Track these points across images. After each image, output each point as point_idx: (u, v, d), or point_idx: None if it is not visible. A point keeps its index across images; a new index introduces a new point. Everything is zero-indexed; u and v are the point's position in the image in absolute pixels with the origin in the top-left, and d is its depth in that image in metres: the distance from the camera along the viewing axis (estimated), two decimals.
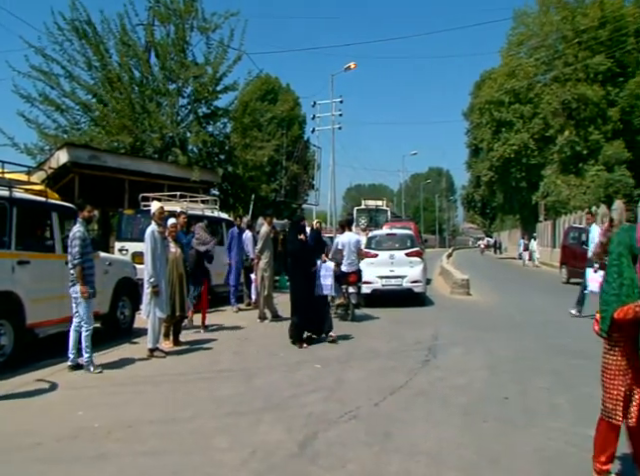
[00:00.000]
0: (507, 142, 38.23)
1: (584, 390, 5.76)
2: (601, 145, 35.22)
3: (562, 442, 4.33)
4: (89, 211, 6.91)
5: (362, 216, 27.94)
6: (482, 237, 75.76)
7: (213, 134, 19.90)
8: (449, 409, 5.18)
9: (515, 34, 42.08)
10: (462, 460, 4.01)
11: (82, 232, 6.62)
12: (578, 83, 35.82)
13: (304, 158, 39.35)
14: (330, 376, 6.52)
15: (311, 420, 4.87)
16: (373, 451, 4.18)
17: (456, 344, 8.43)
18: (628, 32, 35.84)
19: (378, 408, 5.23)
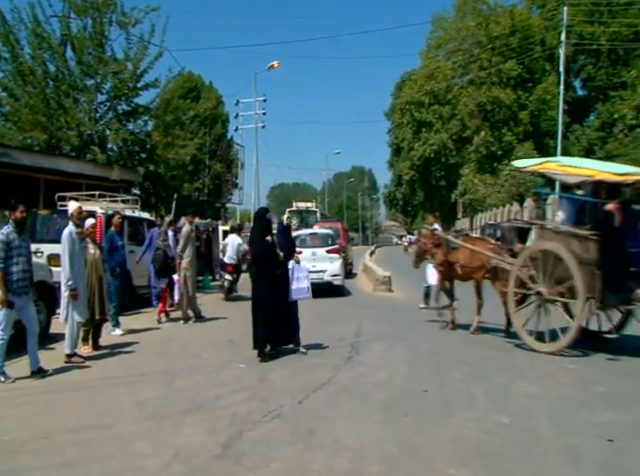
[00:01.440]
0: (427, 142, 39.52)
1: (498, 380, 6.09)
2: (514, 146, 37.10)
3: (478, 431, 4.53)
4: (21, 212, 6.45)
5: (293, 217, 27.86)
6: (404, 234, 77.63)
7: (134, 132, 19.29)
8: (371, 404, 5.31)
9: (434, 37, 43.55)
10: (383, 453, 4.12)
11: (5, 235, 6.24)
12: (492, 86, 37.55)
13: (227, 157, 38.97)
14: (254, 375, 6.52)
15: (235, 420, 4.86)
16: (297, 449, 4.23)
17: (378, 340, 8.63)
18: (535, 41, 38.00)
19: (302, 406, 5.29)
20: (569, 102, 38.55)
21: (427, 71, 41.19)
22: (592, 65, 40.85)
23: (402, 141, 43.94)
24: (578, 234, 7.40)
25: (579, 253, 7.30)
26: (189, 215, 11.29)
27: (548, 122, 37.41)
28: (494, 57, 38.05)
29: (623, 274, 7.12)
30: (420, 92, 40.18)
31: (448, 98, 39.75)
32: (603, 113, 38.81)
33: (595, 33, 38.11)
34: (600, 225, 7.26)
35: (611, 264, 7.10)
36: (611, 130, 34.40)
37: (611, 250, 7.14)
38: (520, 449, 4.14)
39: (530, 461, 3.92)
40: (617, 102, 33.90)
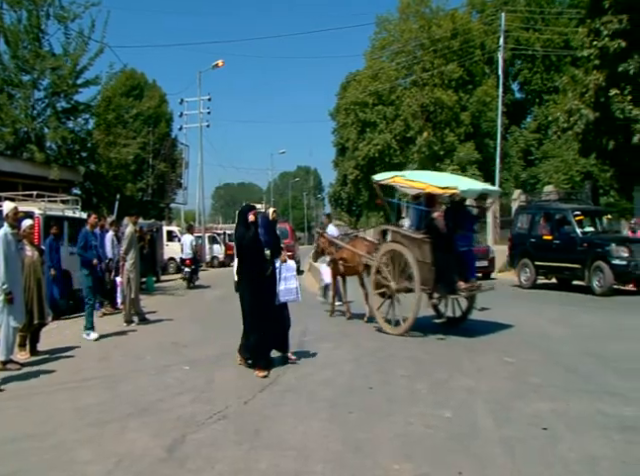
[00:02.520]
0: (371, 142, 39.96)
1: (440, 376, 6.25)
2: (455, 146, 38.04)
3: (421, 425, 4.64)
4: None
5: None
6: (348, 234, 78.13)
7: (74, 130, 18.60)
8: (316, 403, 5.35)
9: (378, 39, 44.08)
10: (329, 451, 4.16)
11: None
12: (435, 88, 38.34)
13: (172, 156, 38.25)
14: (199, 377, 6.47)
15: (179, 423, 4.81)
16: (243, 449, 4.23)
17: (324, 339, 8.71)
18: (475, 45, 39.15)
19: (247, 406, 5.29)
20: (508, 104, 39.86)
21: (371, 72, 41.64)
22: (528, 70, 42.39)
23: (347, 141, 44.26)
24: (416, 237, 8.88)
25: (417, 253, 8.71)
26: (133, 216, 11.08)
27: (488, 123, 38.56)
28: (436, 59, 38.87)
29: (451, 270, 8.63)
30: (364, 93, 40.60)
31: (392, 99, 40.33)
32: (539, 116, 40.38)
33: (530, 39, 39.57)
34: (429, 230, 8.80)
35: (441, 262, 8.58)
36: (546, 132, 35.80)
37: (441, 250, 8.62)
38: (461, 441, 4.27)
39: (470, 452, 4.05)
40: (551, 106, 35.32)
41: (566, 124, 18.04)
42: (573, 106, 17.50)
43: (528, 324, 9.63)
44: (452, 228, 8.91)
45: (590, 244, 13.85)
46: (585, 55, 17.36)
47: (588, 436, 4.28)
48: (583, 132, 17.40)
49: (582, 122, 17.10)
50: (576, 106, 17.37)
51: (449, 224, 8.93)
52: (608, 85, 15.98)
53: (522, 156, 40.42)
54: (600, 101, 16.32)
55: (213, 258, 31.83)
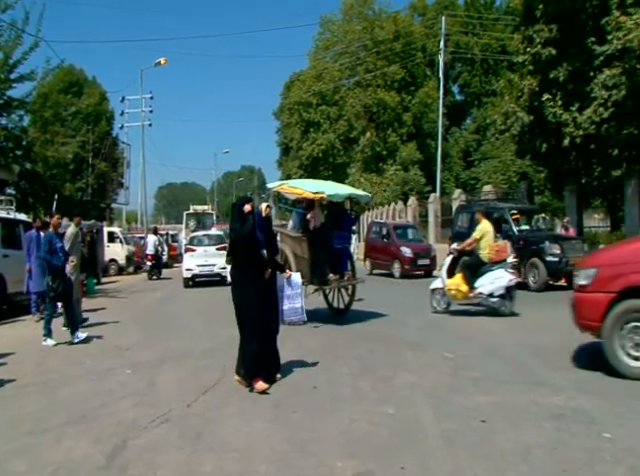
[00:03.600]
0: (315, 142, 40.18)
1: (383, 373, 6.34)
2: (398, 147, 38.71)
3: (365, 423, 4.70)
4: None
5: (191, 219, 32.15)
6: None
7: (7, 127, 17.82)
8: (260, 403, 5.34)
9: (322, 39, 44.38)
10: (273, 451, 4.16)
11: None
12: (378, 89, 38.92)
13: (112, 155, 37.31)
14: (142, 381, 6.34)
15: (120, 428, 4.70)
16: (185, 453, 4.18)
17: None
18: (417, 47, 39.98)
19: (191, 409, 5.22)
20: (448, 106, 40.95)
21: (315, 72, 41.89)
22: (467, 72, 43.71)
23: (291, 141, 44.35)
24: (295, 236, 10.26)
25: (297, 250, 10.06)
26: (75, 216, 10.77)
27: (430, 124, 39.45)
28: (379, 61, 39.48)
29: (323, 264, 9.88)
30: (308, 93, 40.79)
31: (335, 99, 40.68)
32: (478, 117, 41.65)
33: (470, 43, 40.79)
34: (305, 229, 10.14)
35: (316, 257, 9.85)
36: (485, 133, 36.93)
37: (316, 247, 9.87)
38: (403, 437, 4.35)
39: (412, 447, 4.13)
40: (489, 108, 36.48)
41: (503, 126, 18.65)
42: (509, 109, 18.11)
43: (466, 319, 9.93)
44: (330, 228, 10.34)
45: (526, 242, 14.38)
46: (520, 61, 18.01)
47: (522, 426, 4.46)
48: (519, 134, 18.04)
49: (518, 125, 17.72)
50: (512, 109, 17.97)
51: (328, 225, 10.38)
52: (541, 90, 16.64)
53: (462, 157, 41.62)
54: (534, 105, 16.97)
55: None
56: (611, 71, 14.36)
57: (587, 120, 15.17)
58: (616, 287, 5.69)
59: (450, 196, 26.36)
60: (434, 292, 10.75)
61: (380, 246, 21.02)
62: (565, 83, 16.00)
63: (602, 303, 5.74)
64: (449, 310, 10.62)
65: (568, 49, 15.90)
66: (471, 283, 9.96)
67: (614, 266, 5.89)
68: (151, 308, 13.72)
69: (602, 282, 5.83)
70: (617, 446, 4.01)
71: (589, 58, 15.22)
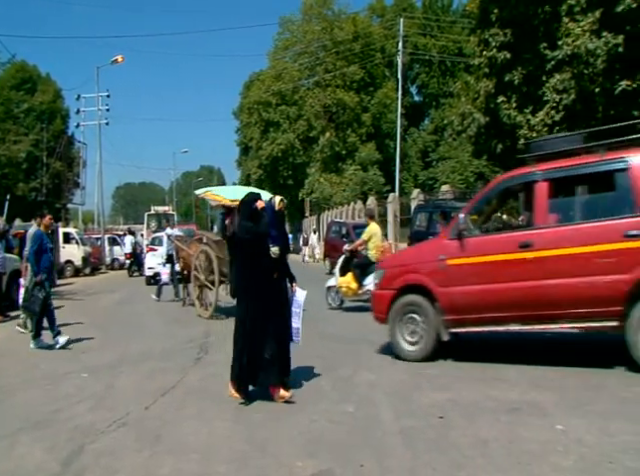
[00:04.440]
0: (275, 141, 40.09)
1: (344, 372, 6.38)
2: (357, 147, 38.98)
3: (325, 421, 4.72)
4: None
5: (152, 220, 32.42)
6: None
7: None
8: (220, 404, 5.31)
9: (281, 39, 44.30)
10: (233, 452, 4.14)
11: None
12: (337, 89, 39.09)
13: (68, 155, 36.30)
14: (99, 384, 6.21)
15: (77, 433, 4.59)
16: (144, 456, 4.12)
17: (228, 340, 8.57)
18: (376, 48, 40.34)
19: (149, 411, 5.15)
20: (407, 107, 41.47)
21: (274, 72, 41.77)
22: (425, 74, 44.35)
23: (250, 140, 44.13)
24: (217, 239, 11.37)
25: (219, 253, 10.89)
26: (38, 217, 10.49)
27: (388, 124, 39.84)
28: (338, 61, 39.65)
29: None
30: (268, 92, 40.63)
31: (295, 99, 40.65)
32: (436, 118, 42.31)
33: (428, 45, 41.39)
34: (224, 233, 10.90)
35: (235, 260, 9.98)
36: (443, 134, 37.52)
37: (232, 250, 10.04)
38: (363, 435, 4.39)
39: (371, 445, 4.17)
40: (447, 109, 37.09)
41: (460, 127, 18.97)
42: (466, 110, 18.42)
43: None
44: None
45: None
46: (476, 63, 18.33)
47: (479, 421, 4.55)
48: (475, 135, 18.36)
49: (474, 126, 18.03)
50: (469, 110, 18.29)
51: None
52: (496, 92, 16.97)
53: (421, 157, 42.19)
54: (490, 107, 17.30)
55: (113, 260, 30.59)
56: (561, 76, 14.78)
57: (540, 122, 15.57)
58: (396, 285, 6.83)
59: (409, 196, 26.68)
60: (329, 290, 11.58)
61: (340, 245, 21.03)
62: (519, 86, 16.37)
63: (387, 298, 6.85)
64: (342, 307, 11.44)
65: (522, 53, 16.28)
66: (360, 281, 10.57)
67: (395, 267, 7.11)
68: (109, 310, 13.46)
69: (387, 281, 6.98)
70: (568, 437, 4.14)
71: (541, 62, 15.63)
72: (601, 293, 5.72)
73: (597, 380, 5.60)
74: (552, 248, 5.99)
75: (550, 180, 6.27)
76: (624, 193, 5.91)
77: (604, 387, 5.37)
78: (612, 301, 5.66)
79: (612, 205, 6.27)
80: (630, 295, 5.61)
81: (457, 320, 6.48)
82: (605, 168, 6.06)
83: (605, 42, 13.26)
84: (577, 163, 6.27)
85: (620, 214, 5.90)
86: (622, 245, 5.64)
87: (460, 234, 6.49)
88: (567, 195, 6.94)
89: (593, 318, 5.86)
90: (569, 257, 5.90)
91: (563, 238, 6.05)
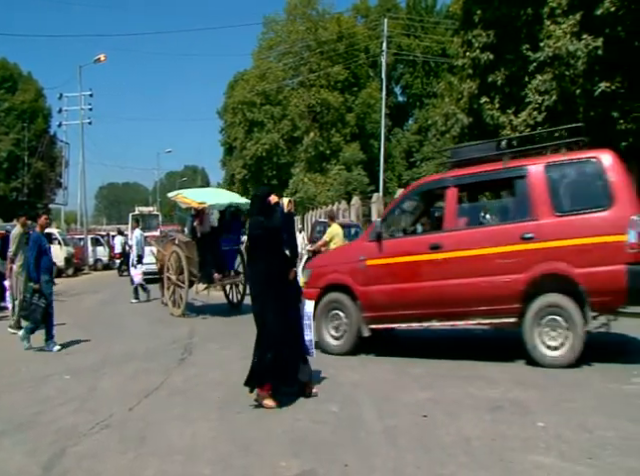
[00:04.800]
0: (259, 141, 40.00)
1: (327, 371, 6.33)
2: (341, 147, 39.01)
3: (309, 421, 4.73)
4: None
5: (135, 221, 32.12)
6: None
7: None
8: (205, 405, 5.29)
9: (265, 39, 44.20)
10: (217, 453, 4.14)
11: None
12: (321, 89, 39.09)
13: (50, 154, 35.90)
14: (82, 386, 6.16)
15: (59, 436, 4.55)
16: (128, 458, 4.09)
17: (212, 340, 8.62)
18: (360, 48, 40.40)
19: (133, 413, 5.12)
20: (391, 107, 41.62)
21: (259, 72, 41.68)
22: (410, 74, 44.52)
23: (234, 140, 43.98)
24: (187, 240, 11.71)
25: (188, 253, 11.25)
26: (20, 217, 10.41)
27: (373, 125, 39.93)
28: (322, 61, 39.66)
29: (209, 265, 11.32)
30: (252, 92, 40.54)
31: (279, 99, 40.60)
32: (420, 118, 42.50)
33: (411, 46, 41.55)
34: (193, 234, 11.60)
35: (202, 258, 11.31)
36: (426, 134, 37.71)
37: (202, 250, 11.31)
38: (347, 434, 4.41)
39: (355, 444, 4.19)
40: (430, 109, 37.29)
41: (444, 127, 19.08)
42: (450, 111, 18.53)
43: None
44: (218, 232, 11.85)
45: None
46: (460, 64, 18.46)
47: (462, 419, 4.60)
48: (459, 135, 18.47)
49: (458, 126, 18.15)
50: (452, 111, 18.40)
51: (219, 229, 11.99)
52: (480, 93, 17.11)
53: (405, 157, 42.34)
54: (473, 107, 17.43)
55: (97, 261, 30.33)
56: (543, 77, 14.95)
57: (522, 123, 15.72)
58: (321, 284, 7.27)
59: (393, 196, 26.77)
60: None
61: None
62: (502, 87, 16.52)
63: (313, 296, 6.87)
64: None
65: (505, 54, 16.43)
66: None
67: (321, 267, 7.57)
68: (92, 310, 13.35)
69: (314, 280, 7.40)
70: (549, 433, 4.20)
71: (524, 64, 15.79)
72: (501, 292, 6.16)
73: (576, 378, 5.68)
74: (459, 249, 6.41)
75: (458, 186, 6.75)
76: (522, 199, 6.43)
77: (583, 384, 5.46)
78: (510, 299, 6.11)
79: (512, 210, 6.86)
80: (526, 294, 6.07)
81: (376, 317, 6.90)
82: (507, 175, 6.56)
83: (585, 44, 13.44)
84: (482, 170, 6.71)
85: (519, 218, 6.40)
86: (519, 247, 6.12)
87: (378, 236, 6.89)
88: (474, 200, 7.51)
89: (496, 315, 6.32)
90: (474, 258, 6.35)
91: (469, 240, 6.48)
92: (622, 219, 5.78)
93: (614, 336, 6.79)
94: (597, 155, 6.15)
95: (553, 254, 6.00)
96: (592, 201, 6.07)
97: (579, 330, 5.87)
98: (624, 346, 7.14)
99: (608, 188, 5.93)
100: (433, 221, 7.81)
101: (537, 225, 6.12)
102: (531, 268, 6.04)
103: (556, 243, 5.99)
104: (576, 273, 5.89)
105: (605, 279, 5.79)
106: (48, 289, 8.46)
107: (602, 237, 5.84)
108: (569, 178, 6.29)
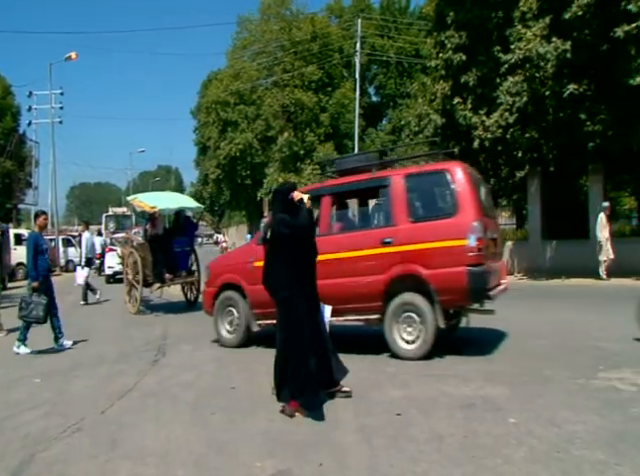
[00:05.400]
0: (233, 141, 39.78)
1: None
2: (315, 147, 39.02)
3: (284, 421, 4.73)
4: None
5: (110, 221, 33.15)
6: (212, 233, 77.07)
7: None
8: (178, 406, 5.26)
9: (239, 38, 43.97)
10: (191, 455, 4.12)
11: None
12: (295, 89, 39.02)
13: (19, 153, 35.17)
14: (52, 389, 6.07)
15: (28, 441, 4.47)
16: (99, 462, 4.04)
17: (185, 341, 8.57)
18: (334, 48, 40.47)
19: (105, 416, 5.06)
20: (365, 107, 41.76)
21: (233, 71, 41.44)
22: (383, 74, 44.74)
23: (208, 140, 43.68)
24: (141, 242, 12.75)
25: (143, 254, 12.20)
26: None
27: (347, 125, 40.01)
28: (296, 61, 39.58)
29: (161, 265, 12.28)
30: (226, 92, 40.30)
31: (253, 98, 40.44)
32: (393, 119, 42.74)
33: (385, 46, 41.75)
34: (146, 236, 12.76)
35: (155, 260, 12.22)
36: (400, 134, 37.93)
37: (154, 251, 12.29)
38: (321, 434, 4.42)
39: (330, 443, 4.21)
40: (404, 110, 37.52)
41: (417, 128, 19.23)
42: (423, 111, 18.69)
43: None
44: (170, 234, 12.96)
45: None
46: (433, 65, 18.63)
47: (435, 417, 4.65)
48: (432, 136, 18.62)
49: (431, 126, 18.31)
50: (426, 111, 18.56)
51: (173, 231, 13.15)
52: (452, 94, 17.30)
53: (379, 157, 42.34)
54: (446, 108, 17.61)
55: (68, 262, 29.82)
56: (514, 79, 15.19)
57: (494, 124, 15.96)
58: (218, 283, 8.08)
59: None
60: None
61: None
62: (475, 88, 16.73)
63: (211, 294, 8.12)
64: None
65: (477, 56, 16.63)
66: None
67: (218, 268, 8.35)
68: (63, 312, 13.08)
69: (212, 279, 8.22)
70: (520, 430, 4.27)
71: (495, 65, 16.02)
72: (365, 291, 6.82)
73: (546, 374, 5.78)
74: (331, 252, 6.89)
75: (331, 194, 7.44)
76: (385, 206, 7.11)
77: (552, 381, 5.56)
78: (373, 298, 6.78)
79: (376, 216, 7.56)
80: (386, 293, 6.73)
81: (262, 313, 7.50)
82: (373, 185, 7.21)
83: (555, 47, 13.70)
84: (353, 180, 7.44)
85: (381, 224, 7.17)
86: (379, 250, 6.77)
87: (263, 240, 7.08)
88: (345, 207, 8.19)
89: (363, 312, 7.01)
90: (343, 260, 7.02)
91: (339, 244, 7.13)
92: (464, 225, 6.37)
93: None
94: (448, 167, 6.76)
95: (408, 257, 6.61)
96: (441, 209, 6.81)
97: (430, 326, 6.47)
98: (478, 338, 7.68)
99: (454, 197, 6.53)
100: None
101: (395, 230, 6.75)
102: (390, 270, 6.69)
103: (410, 247, 6.60)
104: (426, 274, 6.50)
105: (450, 279, 6.40)
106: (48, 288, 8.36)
107: (448, 242, 6.44)
108: (424, 188, 6.98)
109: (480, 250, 6.34)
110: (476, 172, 7.53)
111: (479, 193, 6.85)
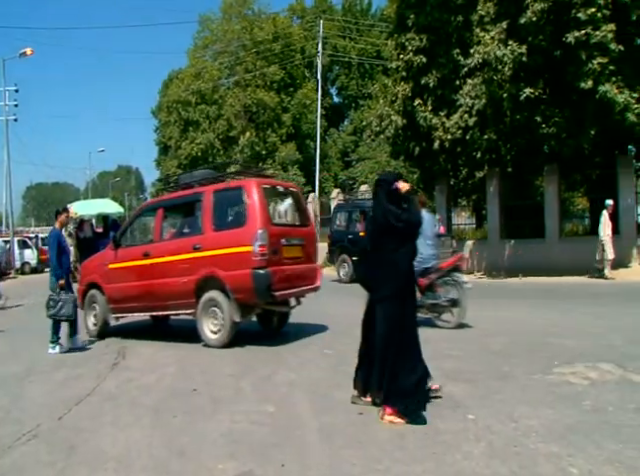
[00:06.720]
0: (194, 141, 39.42)
1: (264, 372, 6.37)
2: (277, 147, 38.99)
3: (246, 422, 4.71)
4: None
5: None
6: None
7: None
8: (138, 410, 5.18)
9: (201, 38, 43.62)
10: (152, 458, 4.07)
11: None
12: (257, 89, 38.92)
13: None
14: (6, 396, 5.89)
15: None
16: (56, 469, 3.95)
17: (146, 344, 8.44)
18: (296, 49, 40.54)
19: (62, 422, 4.94)
20: (327, 108, 41.96)
21: (194, 70, 41.06)
22: (345, 75, 45.03)
23: (169, 140, 43.12)
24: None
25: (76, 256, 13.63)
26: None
27: (309, 125, 40.14)
28: (258, 61, 39.51)
29: None
30: (187, 91, 39.91)
31: (215, 98, 40.14)
32: (355, 119, 43.06)
33: (347, 47, 42.03)
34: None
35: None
36: (362, 135, 38.22)
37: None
38: (284, 433, 4.42)
39: (292, 443, 4.21)
40: (365, 110, 37.83)
41: (378, 128, 19.36)
42: (384, 112, 18.84)
43: (345, 315, 10.21)
44: (101, 236, 14.54)
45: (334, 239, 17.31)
46: (394, 67, 18.79)
47: None
48: (393, 136, 18.83)
49: (392, 127, 18.47)
50: (387, 112, 18.71)
51: (102, 234, 14.57)
52: (413, 95, 17.50)
53: (340, 157, 42.77)
54: (407, 109, 17.80)
55: (24, 264, 29.01)
56: (473, 81, 15.49)
57: (454, 125, 16.23)
58: (84, 282, 9.40)
59: (329, 196, 26.99)
60: None
61: None
62: (435, 89, 16.97)
63: (80, 292, 9.26)
64: None
65: (437, 58, 16.87)
66: None
67: (85, 269, 9.68)
68: (18, 316, 12.76)
69: (82, 279, 9.55)
70: (478, 425, 4.36)
71: (455, 68, 16.31)
72: (182, 289, 7.90)
73: (504, 371, 5.91)
74: (159, 256, 8.25)
75: (163, 207, 8.75)
76: (199, 218, 8.19)
77: (510, 377, 5.69)
78: (188, 295, 7.89)
79: (193, 225, 8.57)
80: (196, 291, 7.84)
81: (116, 308, 8.88)
82: (192, 199, 8.38)
83: (511, 50, 14.03)
84: (179, 195, 8.73)
85: (194, 232, 8.25)
86: (191, 255, 7.88)
87: (116, 245, 8.91)
88: (174, 218, 9.65)
89: (184, 307, 8.11)
90: (167, 263, 8.14)
91: (165, 249, 8.30)
92: (250, 233, 7.40)
93: None
94: (244, 184, 7.84)
95: (212, 261, 7.67)
96: (236, 220, 7.94)
97: (229, 320, 7.57)
98: None
99: (246, 209, 7.60)
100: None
101: (203, 238, 7.85)
102: (199, 271, 7.78)
103: (213, 252, 7.66)
104: (223, 275, 7.56)
105: (239, 280, 7.44)
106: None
107: (238, 248, 7.47)
108: (226, 201, 8.10)
109: (264, 255, 7.35)
110: (282, 188, 9.25)
111: (268, 206, 8.00)
